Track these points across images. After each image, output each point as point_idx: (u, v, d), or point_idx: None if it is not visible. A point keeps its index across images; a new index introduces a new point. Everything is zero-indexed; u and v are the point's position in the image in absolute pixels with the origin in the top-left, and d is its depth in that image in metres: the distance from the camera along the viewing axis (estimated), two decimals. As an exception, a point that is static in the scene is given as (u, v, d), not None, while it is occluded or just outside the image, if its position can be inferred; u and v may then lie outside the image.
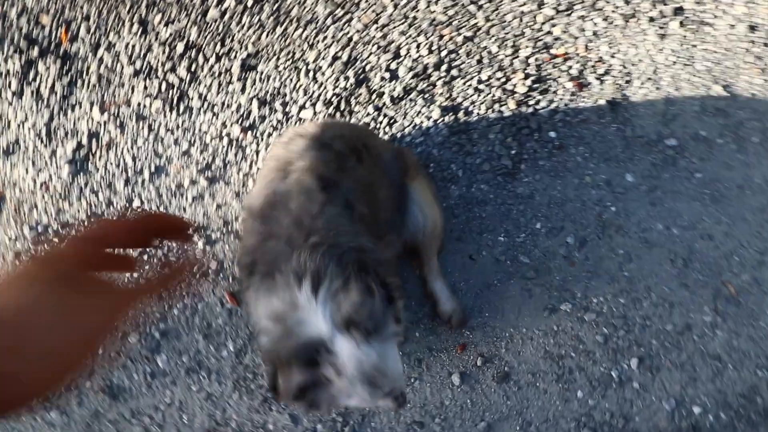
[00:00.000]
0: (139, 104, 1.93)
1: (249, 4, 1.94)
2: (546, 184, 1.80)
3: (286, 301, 0.96)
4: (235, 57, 1.95)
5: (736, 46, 1.87)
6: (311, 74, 1.92)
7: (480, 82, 1.90)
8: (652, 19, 1.93)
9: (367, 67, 1.93)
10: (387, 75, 1.91)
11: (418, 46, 1.93)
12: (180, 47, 1.95)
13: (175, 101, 1.92)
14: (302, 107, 1.90)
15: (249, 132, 1.88)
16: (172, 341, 1.69)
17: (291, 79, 1.93)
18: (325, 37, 1.95)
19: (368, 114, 1.88)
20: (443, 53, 1.93)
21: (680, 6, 1.93)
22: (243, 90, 1.93)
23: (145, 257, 0.96)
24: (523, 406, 1.60)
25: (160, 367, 1.66)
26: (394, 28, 1.95)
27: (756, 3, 1.87)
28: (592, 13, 1.95)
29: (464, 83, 1.90)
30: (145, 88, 1.93)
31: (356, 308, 0.91)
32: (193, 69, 1.94)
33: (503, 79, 1.90)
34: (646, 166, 1.80)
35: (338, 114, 1.88)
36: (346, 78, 1.91)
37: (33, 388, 0.43)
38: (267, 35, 1.96)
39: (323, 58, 1.93)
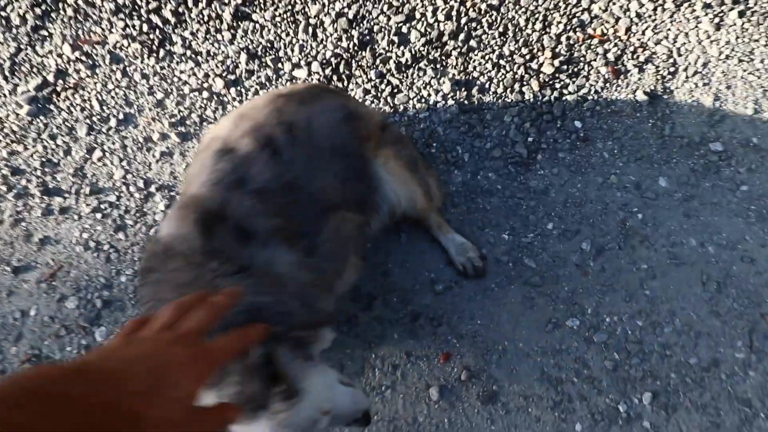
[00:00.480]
0: (115, 45, 1.71)
1: (250, -55, 1.72)
2: (564, 179, 1.55)
3: None
4: (229, 2, 1.73)
5: (804, 44, 1.61)
6: (311, 30, 1.69)
7: (501, 57, 1.66)
8: (708, 6, 1.67)
9: (375, 28, 1.69)
10: (396, 39, 1.68)
11: (435, 10, 1.70)
12: (169, -14, 1.74)
13: (155, 45, 1.71)
14: (296, 65, 1.67)
15: (233, 87, 1.66)
16: (115, 313, 1.47)
17: (287, 33, 1.70)
18: (331, -10, 1.72)
19: (370, 80, 1.65)
20: (463, 21, 1.69)
21: (742, -8, 1.67)
22: (232, 40, 1.70)
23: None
24: (509, 434, 1.35)
25: (97, 340, 1.45)
26: (410, -13, 1.71)
27: (833, -5, 1.61)
28: (639, -8, 1.70)
29: (483, 56, 1.66)
30: (125, 27, 1.72)
31: (232, 398, 0.83)
32: (180, 11, 1.73)
33: (528, 57, 1.66)
34: (684, 172, 1.54)
35: (336, 77, 1.65)
36: (350, 38, 1.68)
37: None
38: (267, -18, 1.73)
39: (326, 13, 1.71)
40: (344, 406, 0.93)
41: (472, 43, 1.67)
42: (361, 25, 1.69)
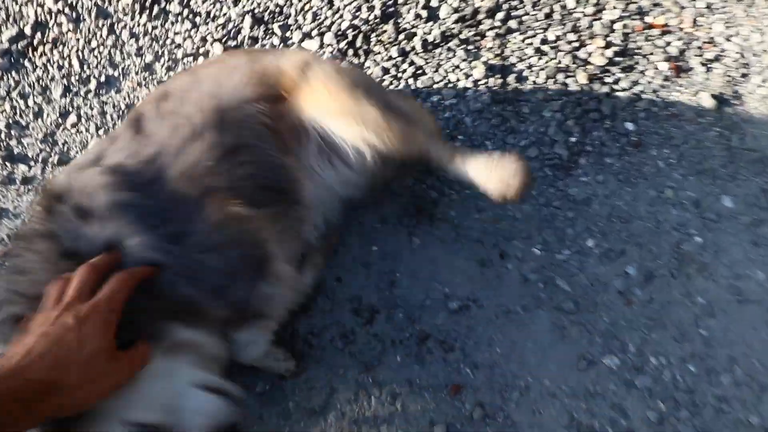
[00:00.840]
0: (104, -3, 1.51)
1: None
2: (610, 189, 1.32)
3: None
4: (236, -41, 1.51)
5: None
6: (327, -4, 1.48)
7: (545, 42, 1.43)
8: (790, 0, 1.43)
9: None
10: (424, 13, 1.45)
11: (471, -16, 1.47)
12: (170, -64, 1.52)
13: (149, 1, 1.49)
14: (307, 35, 1.45)
15: (233, 55, 1.45)
16: (71, 304, 1.26)
17: (300, -2, 1.48)
18: (354, -47, 1.50)
19: (390, 58, 1.43)
20: (503, -3, 1.46)
21: (834, -14, 1.42)
22: (237, 1, 1.49)
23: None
24: (525, 489, 1.12)
25: (48, 335, 1.24)
26: (445, -46, 1.49)
27: None
28: (711, -22, 1.46)
29: (523, 40, 1.43)
30: (117, -21, 1.51)
31: None
32: (180, -35, 1.52)
33: (576, 44, 1.42)
34: (754, 191, 1.30)
35: (352, 52, 1.43)
36: (371, 8, 1.46)
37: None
38: (281, -61, 1.52)
39: (346, -21, 1.49)
40: (193, 419, 0.77)
41: (512, 23, 1.44)
42: (386, -6, 1.47)
